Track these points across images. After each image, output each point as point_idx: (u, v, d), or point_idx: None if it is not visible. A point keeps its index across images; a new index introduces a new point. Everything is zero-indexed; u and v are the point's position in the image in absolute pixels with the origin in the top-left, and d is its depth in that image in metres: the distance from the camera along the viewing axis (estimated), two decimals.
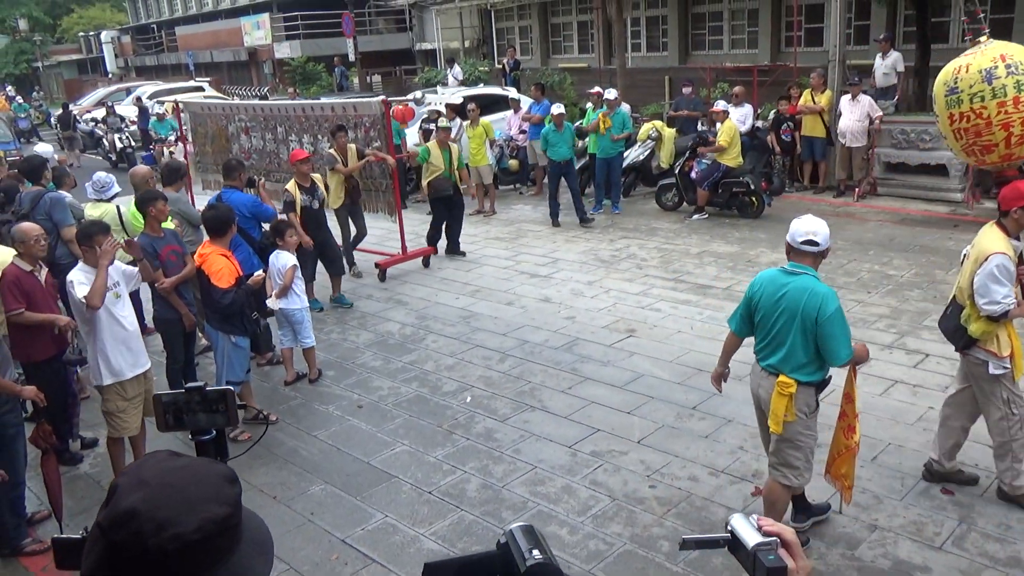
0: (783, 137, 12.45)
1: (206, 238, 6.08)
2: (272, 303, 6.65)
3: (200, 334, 6.96)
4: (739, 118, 12.07)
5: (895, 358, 6.50)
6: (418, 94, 11.55)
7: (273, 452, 5.67)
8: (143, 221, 6.16)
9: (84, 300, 4.86)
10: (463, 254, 10.22)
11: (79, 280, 4.96)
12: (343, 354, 7.44)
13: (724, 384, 4.71)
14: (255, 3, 36.94)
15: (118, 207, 7.43)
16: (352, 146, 9.08)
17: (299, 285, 6.88)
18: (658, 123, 12.80)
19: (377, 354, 7.41)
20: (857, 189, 11.82)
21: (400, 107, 13.22)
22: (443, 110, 12.60)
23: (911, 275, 8.41)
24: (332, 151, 9.01)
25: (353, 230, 9.50)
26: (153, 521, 1.10)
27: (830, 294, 3.99)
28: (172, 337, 6.14)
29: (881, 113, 11.61)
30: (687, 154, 11.53)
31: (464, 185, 10.15)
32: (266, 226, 7.45)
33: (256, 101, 14.17)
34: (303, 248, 7.78)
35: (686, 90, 14.18)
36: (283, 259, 6.83)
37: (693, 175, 11.30)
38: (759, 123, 12.85)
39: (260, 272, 6.16)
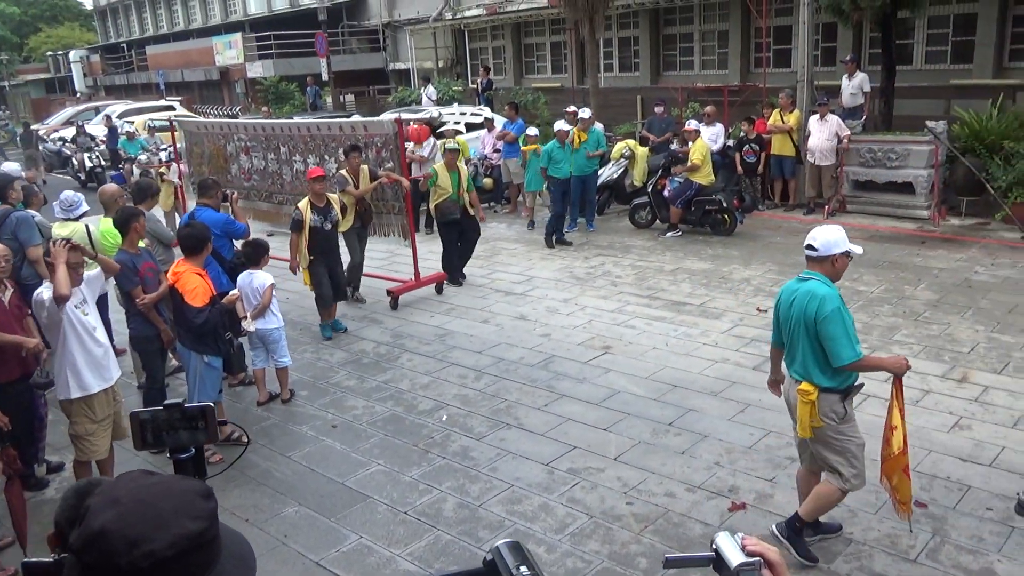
0: (746, 158, 12.61)
1: (179, 256, 6.01)
2: (247, 325, 6.55)
3: (171, 354, 6.87)
4: (711, 137, 12.22)
5: (866, 373, 6.55)
6: (435, 112, 11.11)
7: (246, 474, 5.58)
8: (121, 238, 6.07)
9: (53, 300, 4.79)
10: (463, 277, 9.79)
11: (46, 297, 4.87)
12: (317, 373, 7.37)
13: (700, 401, 4.71)
14: (227, 23, 36.92)
15: (87, 226, 7.30)
16: (364, 167, 8.69)
17: (275, 304, 6.81)
18: (631, 142, 12.92)
19: (351, 373, 7.34)
20: (827, 207, 11.98)
21: (415, 126, 12.77)
22: (462, 129, 12.08)
23: (881, 291, 8.52)
24: (344, 172, 8.62)
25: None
26: (124, 539, 1.07)
27: (830, 295, 4.04)
28: (151, 356, 6.06)
29: (849, 132, 11.81)
30: (660, 172, 11.64)
31: (474, 209, 9.65)
32: (239, 244, 7.38)
33: (258, 120, 13.72)
34: (318, 265, 7.93)
35: (658, 110, 14.33)
36: (260, 278, 6.75)
37: (666, 193, 11.40)
38: (730, 142, 13.01)
39: (235, 291, 6.10)
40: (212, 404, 1.85)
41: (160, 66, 36.73)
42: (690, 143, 11.29)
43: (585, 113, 12.00)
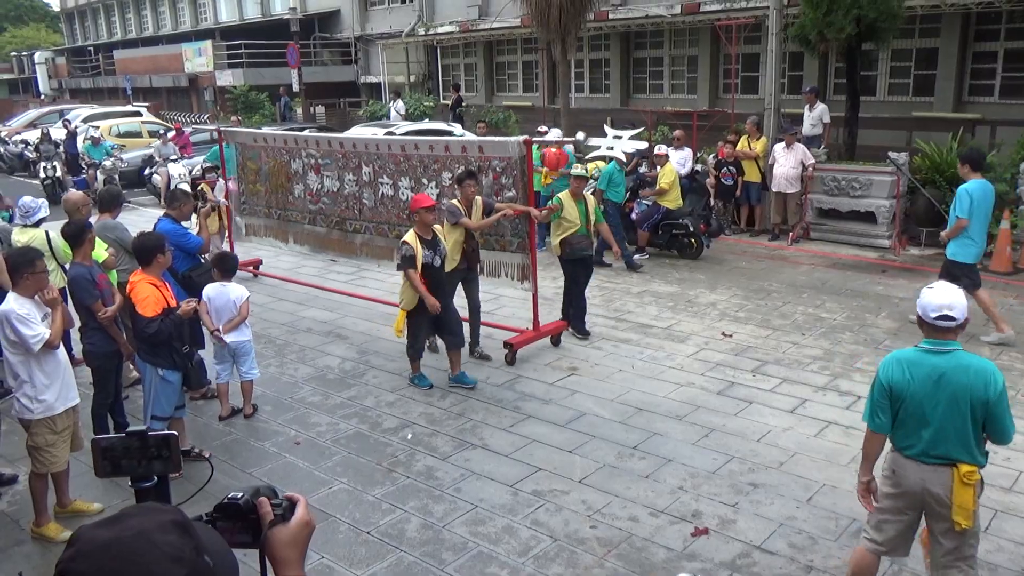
0: (724, 181, 12.77)
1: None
2: (224, 336, 6.51)
3: (131, 365, 6.75)
4: (679, 161, 12.35)
5: (829, 399, 6.66)
6: (580, 135, 8.94)
7: (206, 491, 5.44)
8: (72, 252, 5.96)
9: (37, 339, 4.71)
10: (588, 334, 8.33)
11: (21, 313, 4.75)
12: (281, 389, 7.28)
13: (665, 425, 4.71)
14: (198, 30, 36.61)
15: (47, 232, 7.17)
16: (478, 198, 7.45)
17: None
18: (600, 164, 13.02)
19: (316, 389, 7.27)
20: (791, 233, 12.18)
21: (554, 150, 10.66)
22: (620, 157, 10.31)
23: (843, 318, 8.67)
24: (456, 202, 7.38)
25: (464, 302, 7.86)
26: None
27: (994, 367, 3.62)
28: (105, 372, 5.93)
29: (814, 161, 12.03)
30: (627, 195, 11.74)
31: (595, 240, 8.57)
32: (204, 257, 7.29)
33: (339, 134, 12.06)
34: (422, 313, 6.92)
35: None
36: (236, 291, 6.68)
37: (634, 216, 11.50)
38: (698, 167, 13.18)
39: (192, 301, 5.95)
40: (175, 434, 1.81)
41: (128, 71, 36.28)
42: (658, 167, 11.42)
43: (555, 134, 12.06)
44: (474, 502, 5.28)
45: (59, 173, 16.93)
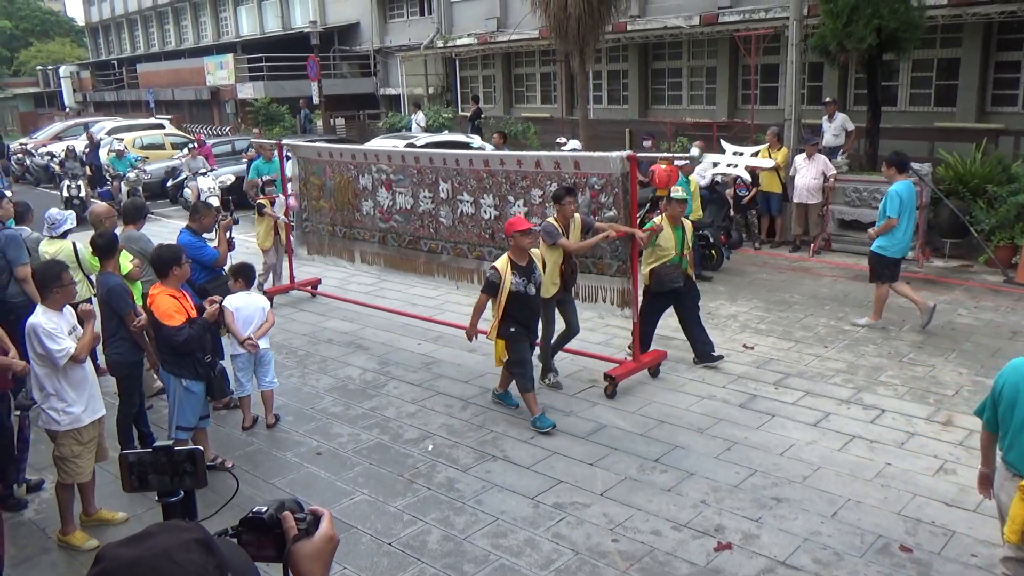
0: (739, 192, 12.73)
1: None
2: (260, 342, 6.62)
3: (155, 375, 6.81)
4: (699, 172, 12.32)
5: (853, 413, 6.60)
6: (695, 151, 8.06)
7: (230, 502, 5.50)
8: (100, 263, 6.03)
9: (62, 353, 4.77)
10: (720, 357, 7.73)
11: (48, 327, 4.81)
12: (302, 399, 7.32)
13: (687, 438, 4.69)
14: (219, 43, 37.03)
15: (74, 243, 7.26)
16: (577, 216, 6.89)
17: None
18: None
19: (337, 400, 7.30)
20: (812, 244, 12.10)
21: (664, 166, 9.39)
22: (745, 176, 9.54)
23: (866, 331, 8.59)
24: (553, 220, 6.88)
25: (560, 325, 7.33)
26: None
27: None
28: (131, 382, 5.98)
29: (835, 172, 11.96)
30: (647, 206, 11.71)
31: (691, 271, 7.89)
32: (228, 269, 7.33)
33: (413, 149, 11.27)
34: (520, 340, 6.44)
35: (646, 143, 14.45)
36: (261, 300, 6.83)
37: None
38: (718, 177, 13.14)
39: (215, 301, 5.90)
40: (201, 449, 1.83)
41: (150, 84, 36.75)
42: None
43: (573, 144, 12.07)
44: (495, 514, 5.27)
45: (83, 192, 16.58)
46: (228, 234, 7.49)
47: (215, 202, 15.07)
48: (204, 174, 16.17)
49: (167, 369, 5.72)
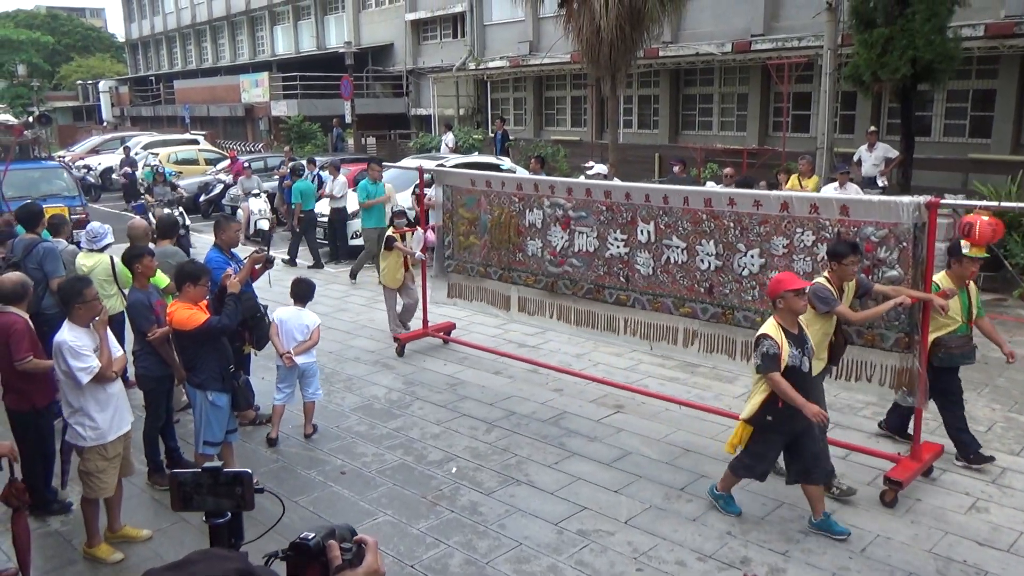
0: None
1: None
2: (296, 359, 6.74)
3: (183, 388, 6.87)
4: None
5: (882, 446, 6.49)
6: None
7: (252, 517, 5.49)
8: (131, 276, 6.13)
9: (86, 371, 4.84)
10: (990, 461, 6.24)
11: (74, 345, 4.87)
12: (328, 418, 7.35)
13: (713, 467, 4.63)
14: (255, 62, 37.66)
15: (111, 257, 7.38)
16: (852, 281, 5.56)
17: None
18: None
19: (362, 419, 7.32)
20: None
21: (986, 217, 5.78)
22: None
23: None
24: (824, 281, 5.51)
25: None
26: None
27: None
28: (157, 396, 6.04)
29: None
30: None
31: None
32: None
33: (600, 181, 9.67)
34: (779, 429, 5.14)
35: (676, 168, 14.44)
36: (309, 317, 6.92)
37: None
38: None
39: (229, 271, 6.04)
40: (249, 472, 1.84)
41: (187, 100, 37.43)
42: None
43: (599, 168, 12.11)
44: (518, 539, 5.25)
45: (188, 221, 14.22)
46: (259, 266, 6.90)
47: (264, 225, 14.46)
48: (257, 195, 15.53)
49: (192, 383, 5.77)
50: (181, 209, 14.50)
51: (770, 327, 5.13)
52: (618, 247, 7.16)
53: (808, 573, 4.81)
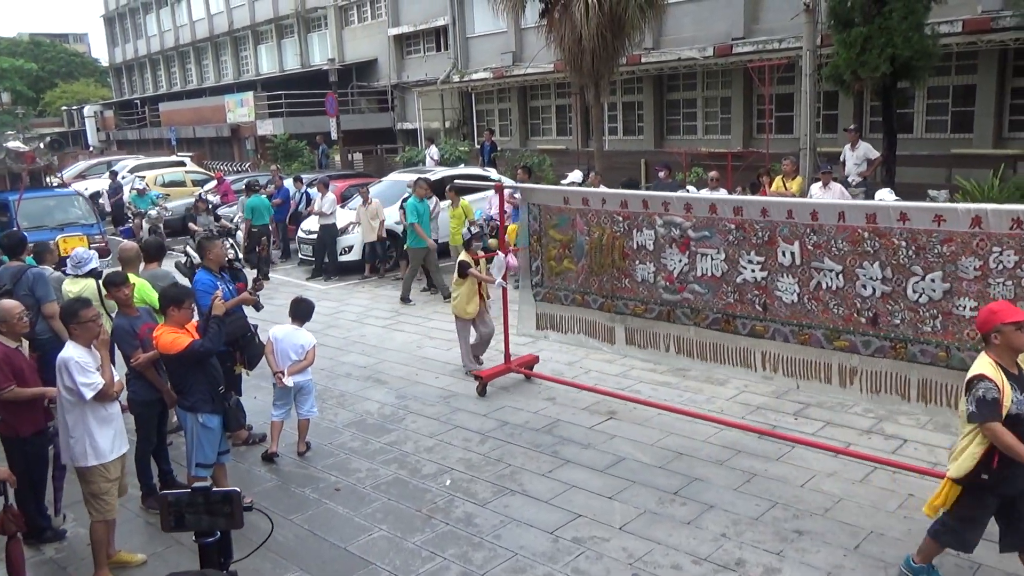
0: None
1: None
2: (286, 380, 6.72)
3: (175, 411, 6.86)
4: None
5: (874, 443, 6.53)
6: None
7: (247, 536, 5.48)
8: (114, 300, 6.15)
9: (92, 386, 4.85)
10: None
11: (80, 361, 4.88)
12: (320, 434, 7.34)
13: (706, 470, 4.66)
14: (240, 81, 37.69)
15: (98, 282, 7.37)
16: None
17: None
18: None
19: (356, 435, 7.32)
20: None
21: None
22: None
23: None
24: None
25: None
26: None
27: None
28: (147, 420, 6.03)
29: (851, 200, 11.93)
30: None
31: None
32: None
33: (724, 196, 8.86)
34: (995, 490, 4.28)
35: (661, 174, 14.50)
36: (304, 337, 6.91)
37: None
38: None
39: (218, 293, 5.97)
40: (237, 490, 1.86)
41: (172, 122, 37.43)
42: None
43: (576, 176, 12.21)
44: (514, 549, 5.25)
45: (238, 254, 13.08)
46: (253, 295, 6.95)
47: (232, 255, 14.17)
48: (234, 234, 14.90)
49: (183, 406, 5.74)
50: (232, 241, 13.67)
51: (986, 366, 4.25)
52: (753, 271, 6.20)
53: (803, 572, 4.82)
